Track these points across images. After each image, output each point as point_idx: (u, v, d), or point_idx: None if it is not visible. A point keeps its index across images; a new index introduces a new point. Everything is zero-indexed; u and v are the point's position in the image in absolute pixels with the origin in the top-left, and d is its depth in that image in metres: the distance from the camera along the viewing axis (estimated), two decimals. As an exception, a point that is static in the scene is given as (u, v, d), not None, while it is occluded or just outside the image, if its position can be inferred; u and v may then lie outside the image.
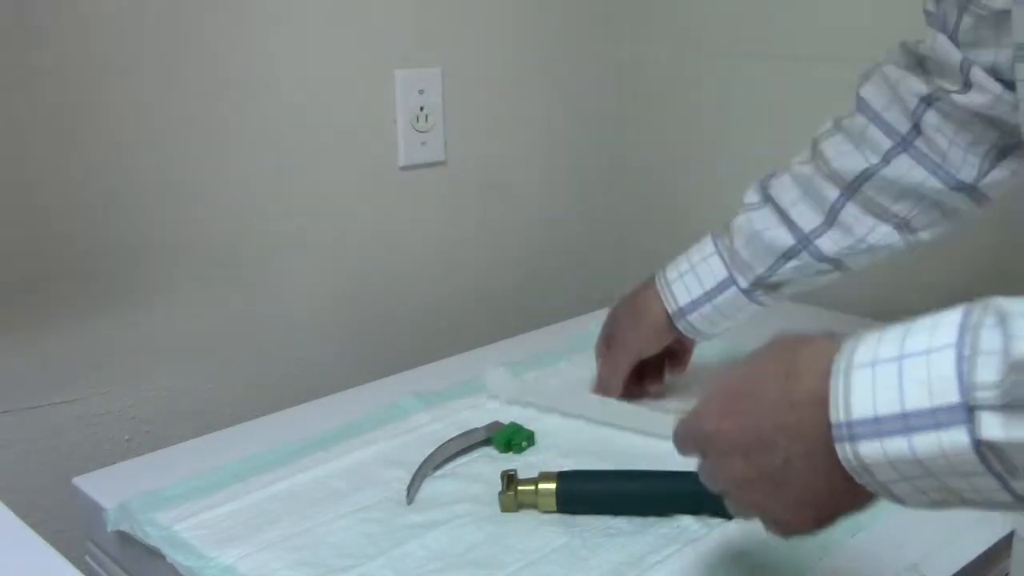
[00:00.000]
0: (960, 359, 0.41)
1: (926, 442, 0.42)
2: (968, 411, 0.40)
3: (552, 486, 0.76)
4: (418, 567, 0.70)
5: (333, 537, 0.74)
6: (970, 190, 0.81)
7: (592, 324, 1.17)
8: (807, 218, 0.88)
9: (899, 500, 0.46)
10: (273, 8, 1.07)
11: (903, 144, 0.83)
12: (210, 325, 1.08)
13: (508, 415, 0.92)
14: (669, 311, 0.92)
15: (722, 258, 0.91)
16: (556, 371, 1.05)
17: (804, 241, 0.88)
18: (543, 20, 1.33)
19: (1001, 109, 0.75)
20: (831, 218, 0.87)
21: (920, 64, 0.82)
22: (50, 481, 0.96)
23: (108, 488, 0.82)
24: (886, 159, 0.83)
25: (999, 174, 0.80)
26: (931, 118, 0.80)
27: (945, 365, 0.41)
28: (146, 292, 1.03)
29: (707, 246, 0.93)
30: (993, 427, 0.40)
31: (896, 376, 0.43)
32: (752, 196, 0.92)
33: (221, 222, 1.07)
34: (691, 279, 0.92)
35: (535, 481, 0.77)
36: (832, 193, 0.86)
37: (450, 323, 1.28)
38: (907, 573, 0.69)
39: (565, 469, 0.78)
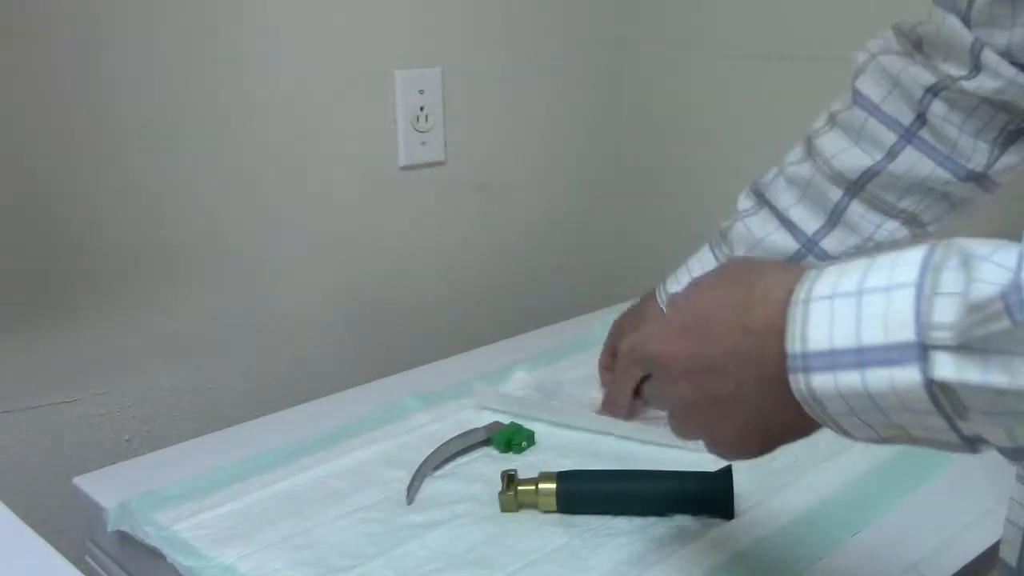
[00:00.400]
0: (919, 298, 0.41)
1: (878, 377, 0.42)
2: (922, 350, 0.40)
3: (552, 486, 0.76)
4: (418, 567, 0.70)
5: (333, 537, 0.74)
6: (980, 178, 0.79)
7: (593, 324, 1.17)
8: (809, 220, 0.85)
9: (847, 433, 0.46)
10: (273, 8, 1.07)
11: (907, 137, 0.80)
12: (210, 325, 1.08)
13: (508, 415, 0.92)
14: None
15: (715, 257, 0.91)
16: (556, 370, 1.05)
17: (809, 244, 0.85)
18: (543, 20, 1.33)
19: (1012, 93, 0.73)
20: (835, 218, 0.84)
21: (918, 48, 0.79)
22: (50, 481, 0.96)
23: (108, 488, 0.82)
24: (891, 154, 0.80)
25: (1009, 159, 0.78)
26: (938, 108, 0.77)
27: (903, 302, 0.41)
28: (146, 292, 1.03)
29: (706, 256, 0.91)
30: (946, 367, 0.40)
31: (854, 310, 0.42)
32: (745, 202, 0.89)
33: (221, 222, 1.07)
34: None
35: (535, 481, 0.77)
36: (835, 193, 0.84)
37: (450, 323, 1.28)
38: (907, 573, 0.69)
39: (565, 469, 0.78)
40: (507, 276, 1.35)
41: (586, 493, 0.77)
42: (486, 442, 0.88)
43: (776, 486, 0.80)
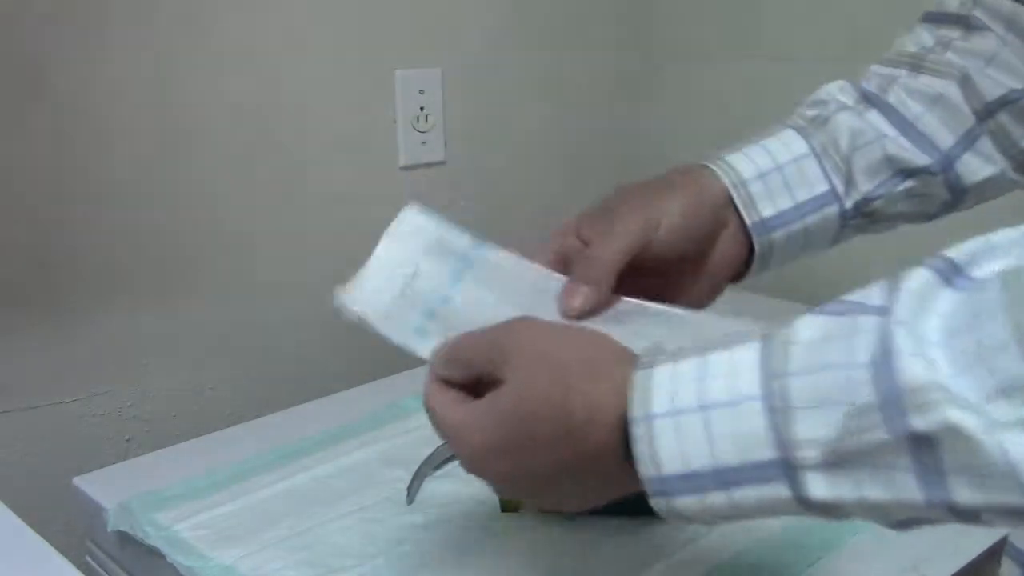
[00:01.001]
0: (771, 412, 0.39)
1: (745, 495, 0.40)
2: (787, 467, 0.39)
3: (552, 486, 0.76)
4: (418, 567, 0.70)
5: (333, 537, 0.74)
6: None
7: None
8: (944, 134, 0.67)
9: (703, 524, 0.44)
10: (273, 8, 1.07)
11: None
12: (210, 325, 1.08)
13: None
14: (747, 220, 0.64)
15: (820, 162, 0.66)
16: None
17: (944, 162, 0.67)
18: (543, 20, 1.33)
19: None
20: (969, 141, 0.67)
21: None
22: (50, 481, 0.96)
23: (108, 488, 0.82)
24: None
25: None
26: None
27: (754, 419, 0.39)
28: (146, 292, 1.03)
29: (793, 142, 0.67)
30: (818, 487, 0.38)
31: (702, 429, 0.40)
32: (842, 96, 0.69)
33: (221, 222, 1.07)
34: (775, 181, 0.65)
35: (535, 481, 0.77)
36: (968, 115, 0.67)
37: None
38: (907, 573, 0.69)
39: (565, 469, 0.78)
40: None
41: (586, 493, 0.77)
42: (486, 442, 0.88)
43: (776, 486, 0.79)
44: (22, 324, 0.95)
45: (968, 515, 0.36)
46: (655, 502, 0.43)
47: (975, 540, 0.72)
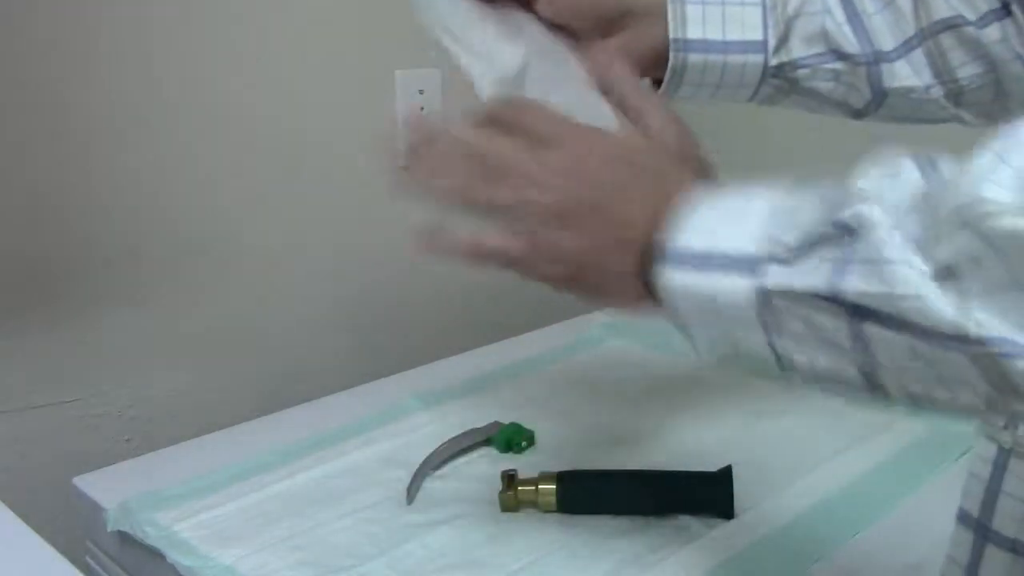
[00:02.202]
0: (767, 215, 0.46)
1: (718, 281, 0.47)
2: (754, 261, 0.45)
3: (552, 486, 0.76)
4: (418, 567, 0.70)
5: (333, 537, 0.74)
6: None
7: (592, 325, 1.17)
8: (886, 37, 0.69)
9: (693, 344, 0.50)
10: (274, 8, 1.06)
11: (998, 14, 0.67)
12: (210, 325, 1.08)
13: (508, 415, 0.92)
14: (671, 33, 0.67)
15: (764, 13, 0.69)
16: (554, 372, 1.05)
17: (873, 58, 0.69)
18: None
19: None
20: (905, 50, 0.69)
21: None
22: (50, 481, 0.96)
23: (108, 488, 0.82)
24: (982, 20, 0.67)
25: None
26: (1016, 9, 0.67)
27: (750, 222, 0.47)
28: (146, 292, 1.03)
29: None
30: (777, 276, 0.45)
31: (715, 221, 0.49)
32: None
33: (221, 222, 1.07)
34: (714, 13, 0.68)
35: (535, 481, 0.77)
36: (909, 25, 0.69)
37: (450, 323, 1.28)
38: (907, 573, 0.69)
39: (565, 469, 0.78)
40: (507, 276, 1.35)
41: (586, 493, 0.77)
42: (486, 442, 0.88)
43: (776, 486, 0.80)
44: (22, 324, 0.95)
45: (860, 310, 0.42)
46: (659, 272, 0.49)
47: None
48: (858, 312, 0.42)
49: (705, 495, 0.76)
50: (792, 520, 0.75)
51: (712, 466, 0.78)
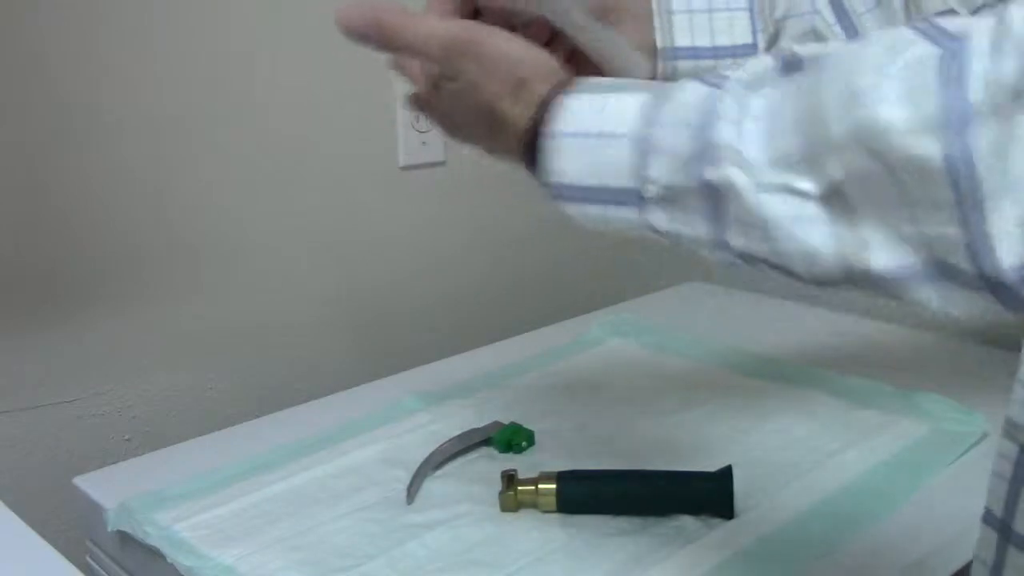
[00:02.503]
0: (636, 151, 0.48)
1: (613, 212, 0.50)
2: (638, 197, 0.48)
3: (552, 486, 0.76)
4: (418, 567, 0.70)
5: (333, 537, 0.74)
6: None
7: (592, 325, 1.17)
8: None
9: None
10: (273, 8, 1.07)
11: (991, 4, 0.70)
12: (210, 325, 1.08)
13: (508, 415, 0.92)
14: (658, 43, 0.68)
15: (752, 17, 0.69)
16: (554, 372, 1.05)
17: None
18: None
19: None
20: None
21: None
22: (50, 481, 0.96)
23: (108, 488, 0.82)
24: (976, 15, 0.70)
25: None
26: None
27: (623, 153, 0.48)
28: (146, 292, 1.03)
29: None
30: (658, 219, 0.48)
31: (590, 152, 0.50)
32: None
33: (221, 222, 1.07)
34: (702, 21, 0.68)
35: (535, 481, 0.77)
36: (902, 23, 0.66)
37: (450, 323, 1.28)
38: (907, 573, 0.69)
39: (565, 469, 0.78)
40: (507, 276, 1.35)
41: (586, 493, 0.77)
42: (486, 442, 0.88)
43: (776, 486, 0.80)
44: (22, 324, 0.95)
45: (746, 258, 0.45)
46: (555, 203, 0.54)
47: (975, 540, 0.72)
48: (746, 256, 0.45)
49: (705, 495, 0.76)
50: (792, 520, 0.75)
51: (712, 466, 0.78)
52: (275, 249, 1.13)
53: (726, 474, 0.76)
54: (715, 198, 0.45)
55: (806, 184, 0.41)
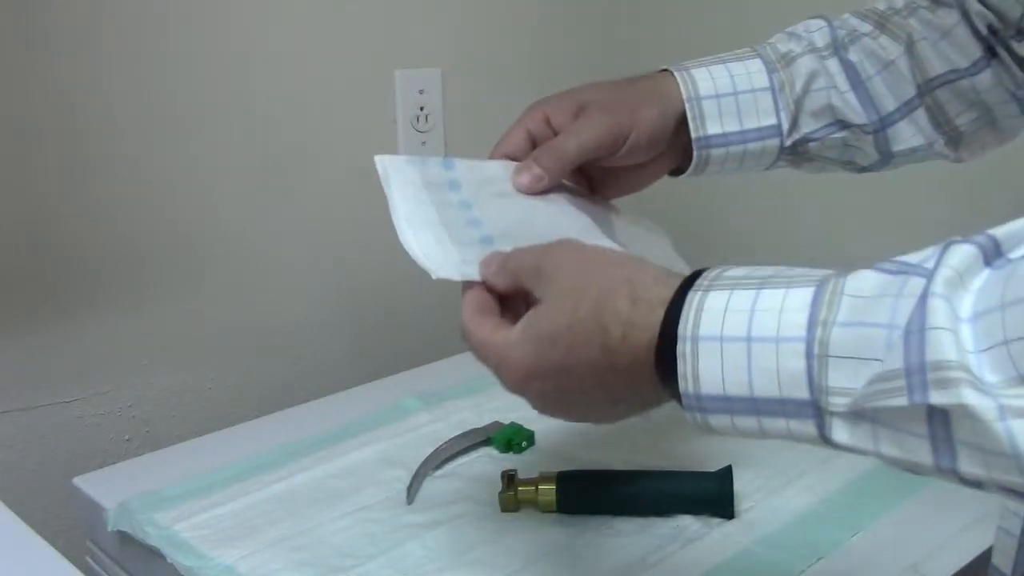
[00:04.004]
0: (809, 357, 0.41)
1: (775, 424, 0.43)
2: (818, 409, 0.41)
3: (552, 486, 0.76)
4: (418, 567, 0.70)
5: (333, 537, 0.74)
6: None
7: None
8: (887, 99, 0.72)
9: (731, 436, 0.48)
10: (273, 8, 1.07)
11: (987, 58, 0.70)
12: (210, 325, 1.08)
13: (508, 414, 0.92)
14: (693, 132, 0.70)
15: (774, 97, 0.71)
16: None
17: (879, 124, 0.72)
18: (543, 20, 1.33)
19: None
20: (907, 110, 0.72)
21: None
22: (50, 481, 0.96)
23: (108, 488, 0.82)
24: (976, 67, 0.70)
25: None
26: (1001, 47, 0.70)
27: (794, 360, 0.41)
28: (146, 292, 1.03)
29: (757, 74, 0.72)
30: (841, 433, 0.41)
31: (745, 359, 0.43)
32: (818, 36, 0.73)
33: (221, 222, 1.07)
34: (729, 105, 0.71)
35: (535, 481, 0.77)
36: (910, 85, 0.72)
37: (450, 323, 1.28)
38: (907, 573, 0.69)
39: (565, 469, 0.78)
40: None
41: (586, 493, 0.77)
42: (486, 442, 0.88)
43: (776, 486, 0.80)
44: (22, 324, 0.95)
45: (973, 484, 0.38)
46: (689, 415, 0.46)
47: (975, 540, 0.72)
48: (979, 484, 0.38)
49: (705, 495, 0.76)
50: (792, 520, 0.75)
51: (712, 466, 0.78)
52: (275, 249, 1.13)
53: (726, 474, 0.76)
54: (939, 421, 0.37)
55: None
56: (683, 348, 0.45)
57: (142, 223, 1.01)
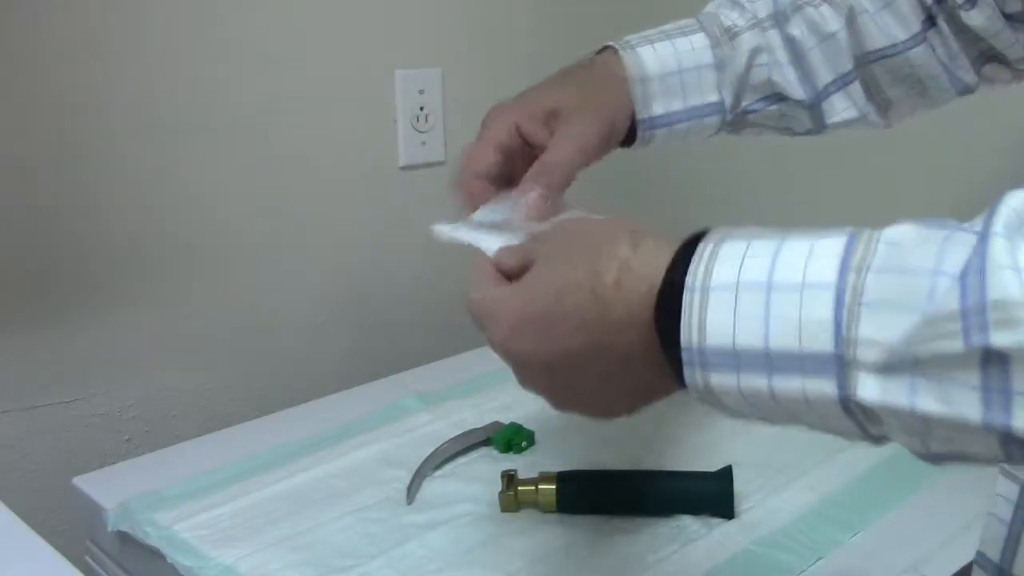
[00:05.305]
0: (839, 305, 0.37)
1: (789, 385, 0.38)
2: (841, 364, 0.37)
3: (552, 486, 0.76)
4: (418, 567, 0.70)
5: (333, 537, 0.74)
6: (968, 93, 0.73)
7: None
8: (824, 72, 0.72)
9: (730, 415, 0.43)
10: (273, 8, 1.07)
11: (924, 30, 0.71)
12: (210, 325, 1.08)
13: (508, 415, 0.92)
14: (637, 114, 0.69)
15: (717, 74, 0.71)
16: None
17: (815, 98, 0.72)
18: (543, 20, 1.33)
19: (997, 39, 0.69)
20: (842, 83, 0.72)
21: None
22: (50, 481, 0.96)
23: (108, 488, 0.82)
24: (914, 40, 0.71)
25: (982, 85, 0.74)
26: (942, 17, 0.71)
27: (821, 308, 0.37)
28: (146, 292, 1.03)
29: (701, 50, 0.71)
30: (869, 389, 0.36)
31: (762, 308, 0.38)
32: (761, 5, 0.73)
33: (221, 222, 1.07)
34: (674, 83, 0.70)
35: (535, 481, 0.77)
36: (848, 59, 0.72)
37: (450, 323, 1.28)
38: (907, 573, 0.69)
39: (565, 469, 0.78)
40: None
41: (586, 493, 0.77)
42: (486, 442, 0.88)
43: (776, 486, 0.80)
44: (22, 324, 0.95)
45: (1016, 447, 0.35)
46: (688, 373, 0.41)
47: (975, 540, 0.72)
48: (1019, 442, 0.34)
49: (705, 495, 0.76)
50: (792, 520, 0.75)
51: (712, 466, 0.78)
52: (275, 249, 1.13)
53: (726, 474, 0.76)
54: (995, 369, 0.33)
55: None
56: (690, 299, 0.40)
57: (142, 223, 1.01)
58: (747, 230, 0.42)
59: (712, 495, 0.75)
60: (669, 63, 0.70)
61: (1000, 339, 0.33)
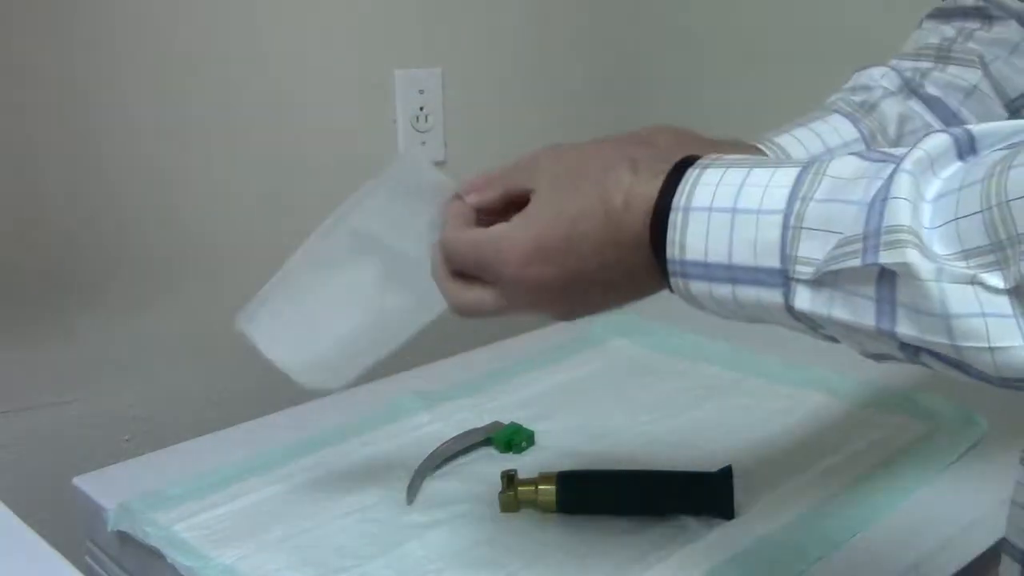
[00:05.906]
0: (785, 228, 0.44)
1: (747, 293, 0.46)
2: (785, 277, 0.44)
3: (552, 486, 0.76)
4: (418, 567, 0.70)
5: (333, 537, 0.74)
6: None
7: (592, 326, 1.17)
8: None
9: (711, 312, 0.50)
10: (273, 8, 1.07)
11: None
12: (210, 325, 1.08)
13: (508, 415, 0.92)
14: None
15: (868, 147, 0.68)
16: (554, 372, 1.05)
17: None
18: (543, 20, 1.33)
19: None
20: None
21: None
22: (50, 481, 0.96)
23: (108, 488, 0.82)
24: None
25: None
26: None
27: (770, 230, 0.44)
28: (146, 292, 1.03)
29: (841, 125, 0.68)
30: (802, 299, 0.44)
31: (727, 229, 0.46)
32: (887, 81, 0.70)
33: (221, 222, 1.07)
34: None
35: (535, 481, 0.77)
36: (999, 108, 0.71)
37: (450, 323, 1.28)
38: (907, 573, 0.69)
39: (565, 469, 0.78)
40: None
41: (586, 493, 0.77)
42: (486, 442, 0.88)
43: (776, 486, 0.80)
44: (22, 324, 0.95)
45: (909, 351, 0.41)
46: (673, 281, 0.49)
47: (975, 540, 0.72)
48: (913, 346, 0.41)
49: (705, 495, 0.76)
50: (792, 520, 0.75)
51: (712, 466, 0.78)
52: (275, 249, 1.12)
53: (726, 474, 0.76)
54: (886, 283, 0.40)
55: (995, 278, 0.37)
56: (675, 218, 0.48)
57: (142, 224, 1.01)
58: (728, 158, 0.49)
59: (712, 495, 0.75)
60: (814, 146, 0.68)
61: (887, 258, 0.39)
